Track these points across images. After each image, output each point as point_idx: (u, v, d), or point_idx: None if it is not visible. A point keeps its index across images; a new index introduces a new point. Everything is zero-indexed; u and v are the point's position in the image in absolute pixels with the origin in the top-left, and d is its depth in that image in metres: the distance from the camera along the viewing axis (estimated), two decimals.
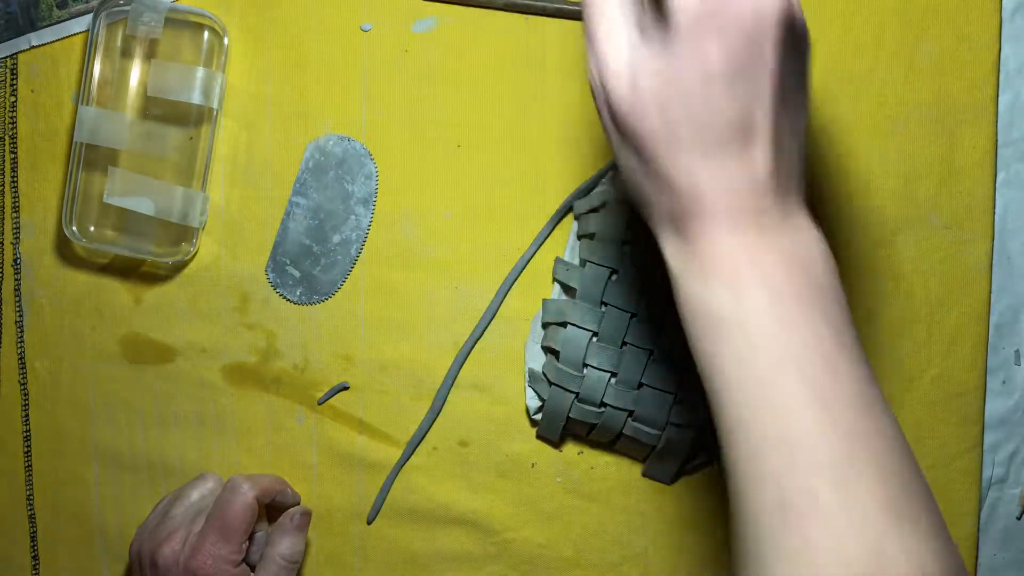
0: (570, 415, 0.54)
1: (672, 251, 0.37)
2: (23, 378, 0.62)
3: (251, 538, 0.54)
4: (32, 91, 0.61)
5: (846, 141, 0.56)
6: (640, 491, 0.58)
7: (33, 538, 0.62)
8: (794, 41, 0.35)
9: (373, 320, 0.59)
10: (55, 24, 0.60)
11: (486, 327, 0.58)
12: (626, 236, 0.53)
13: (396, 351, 0.59)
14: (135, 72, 0.59)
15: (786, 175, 0.37)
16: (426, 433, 0.58)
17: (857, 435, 0.34)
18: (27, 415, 0.62)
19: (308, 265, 0.59)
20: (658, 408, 0.53)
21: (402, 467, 0.59)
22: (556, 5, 0.57)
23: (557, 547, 0.58)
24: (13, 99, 0.61)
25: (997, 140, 0.55)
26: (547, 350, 0.56)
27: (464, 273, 0.58)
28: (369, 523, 0.59)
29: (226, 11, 0.59)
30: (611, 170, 0.57)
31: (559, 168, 0.57)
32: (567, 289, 0.55)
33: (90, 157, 0.58)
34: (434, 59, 0.58)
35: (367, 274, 0.59)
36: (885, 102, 0.56)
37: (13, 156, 0.61)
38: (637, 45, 0.36)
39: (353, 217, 0.59)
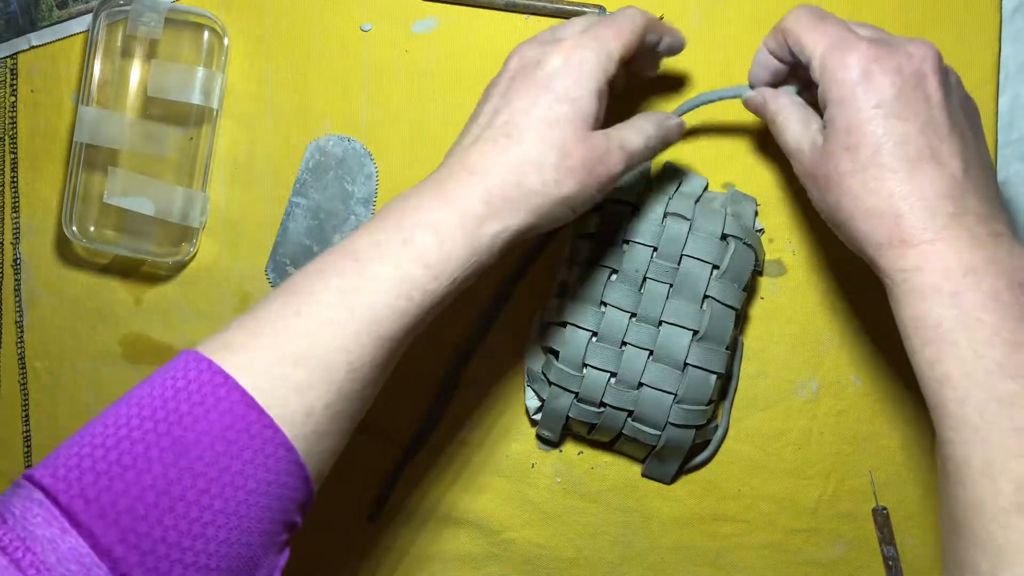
0: (570, 415, 0.54)
1: (889, 273, 0.41)
2: (23, 378, 0.62)
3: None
4: (32, 91, 0.61)
5: None
6: (640, 491, 0.58)
7: None
8: (951, 87, 0.42)
9: None
10: (55, 24, 0.60)
11: (487, 328, 0.58)
12: (626, 236, 0.53)
13: None
14: (135, 72, 0.59)
15: (980, 195, 0.41)
16: (426, 433, 0.58)
17: None
18: (27, 415, 0.62)
19: None
20: (657, 408, 0.53)
21: (402, 467, 0.59)
22: (556, 5, 0.57)
23: (557, 547, 0.58)
24: (13, 99, 0.61)
25: (997, 140, 0.55)
26: (547, 350, 0.56)
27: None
28: (369, 521, 0.59)
29: (226, 11, 0.59)
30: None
31: None
32: (567, 289, 0.55)
33: (90, 157, 0.58)
34: (434, 59, 0.58)
35: None
36: None
37: (13, 156, 0.61)
38: (813, 117, 0.45)
39: (353, 217, 0.59)
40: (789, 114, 0.46)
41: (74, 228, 0.58)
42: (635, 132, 0.47)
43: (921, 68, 0.41)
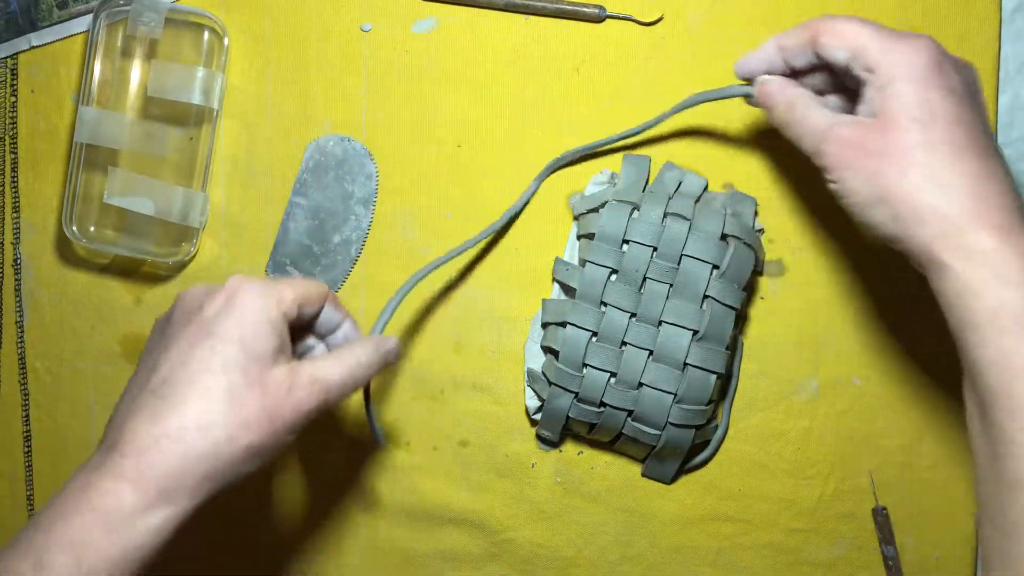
0: (570, 415, 0.54)
1: (961, 254, 0.38)
2: (23, 378, 0.62)
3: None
4: (32, 91, 0.61)
5: None
6: (640, 491, 0.58)
7: None
8: None
9: (373, 320, 0.59)
10: (55, 24, 0.60)
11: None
12: (626, 236, 0.53)
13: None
14: (135, 72, 0.59)
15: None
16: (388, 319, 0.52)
17: None
18: (27, 415, 0.62)
19: (308, 265, 0.59)
20: (657, 408, 0.53)
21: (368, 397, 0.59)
22: (556, 5, 0.57)
23: (557, 547, 0.58)
24: (13, 99, 0.61)
25: (997, 140, 0.55)
26: (547, 350, 0.56)
27: (464, 273, 0.58)
28: (377, 443, 0.55)
29: (226, 11, 0.59)
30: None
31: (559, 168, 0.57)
32: (567, 289, 0.55)
33: (90, 157, 0.58)
34: (434, 59, 0.58)
35: (367, 274, 0.59)
36: None
37: (13, 156, 0.61)
38: (847, 114, 0.44)
39: (353, 217, 0.59)
40: (809, 99, 0.45)
41: (74, 228, 0.58)
42: (336, 361, 0.43)
43: (974, 79, 0.43)
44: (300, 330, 0.46)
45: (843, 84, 0.46)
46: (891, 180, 0.40)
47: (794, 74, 0.47)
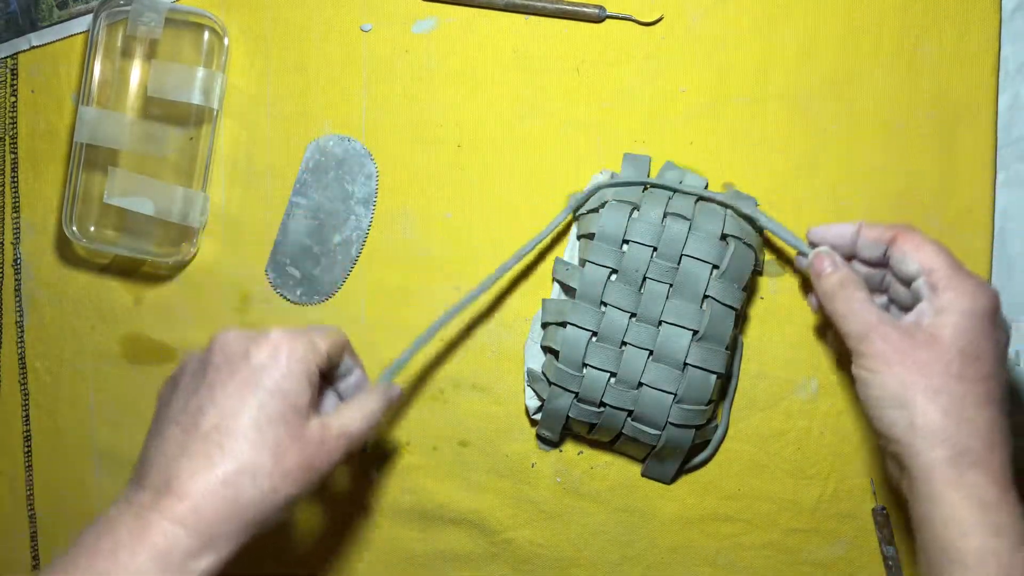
0: (570, 415, 0.54)
1: (955, 497, 0.42)
2: (23, 378, 0.62)
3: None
4: (32, 91, 0.61)
5: (846, 141, 0.56)
6: (640, 491, 0.58)
7: (33, 538, 0.62)
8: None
9: (373, 320, 0.59)
10: (55, 24, 0.60)
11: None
12: (626, 236, 0.53)
13: (396, 351, 0.59)
14: (135, 72, 0.59)
15: None
16: (405, 363, 0.54)
17: None
18: (27, 415, 0.62)
19: (308, 265, 0.59)
20: (657, 408, 0.53)
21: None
22: (556, 5, 0.57)
23: (557, 547, 0.58)
24: (13, 99, 0.61)
25: (997, 140, 0.55)
26: (547, 350, 0.56)
27: (464, 273, 0.58)
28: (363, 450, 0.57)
29: (226, 11, 0.59)
30: (610, 177, 0.57)
31: (558, 168, 0.57)
32: (567, 289, 0.55)
33: (90, 157, 0.58)
34: (434, 59, 0.58)
35: (367, 274, 0.59)
36: (885, 102, 0.56)
37: (13, 156, 0.61)
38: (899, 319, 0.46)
39: (353, 217, 0.59)
40: (862, 285, 0.48)
41: (74, 228, 0.58)
42: (357, 413, 0.47)
43: (1007, 341, 0.46)
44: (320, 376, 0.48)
45: (886, 286, 0.50)
46: (921, 393, 0.43)
47: (848, 259, 0.50)
